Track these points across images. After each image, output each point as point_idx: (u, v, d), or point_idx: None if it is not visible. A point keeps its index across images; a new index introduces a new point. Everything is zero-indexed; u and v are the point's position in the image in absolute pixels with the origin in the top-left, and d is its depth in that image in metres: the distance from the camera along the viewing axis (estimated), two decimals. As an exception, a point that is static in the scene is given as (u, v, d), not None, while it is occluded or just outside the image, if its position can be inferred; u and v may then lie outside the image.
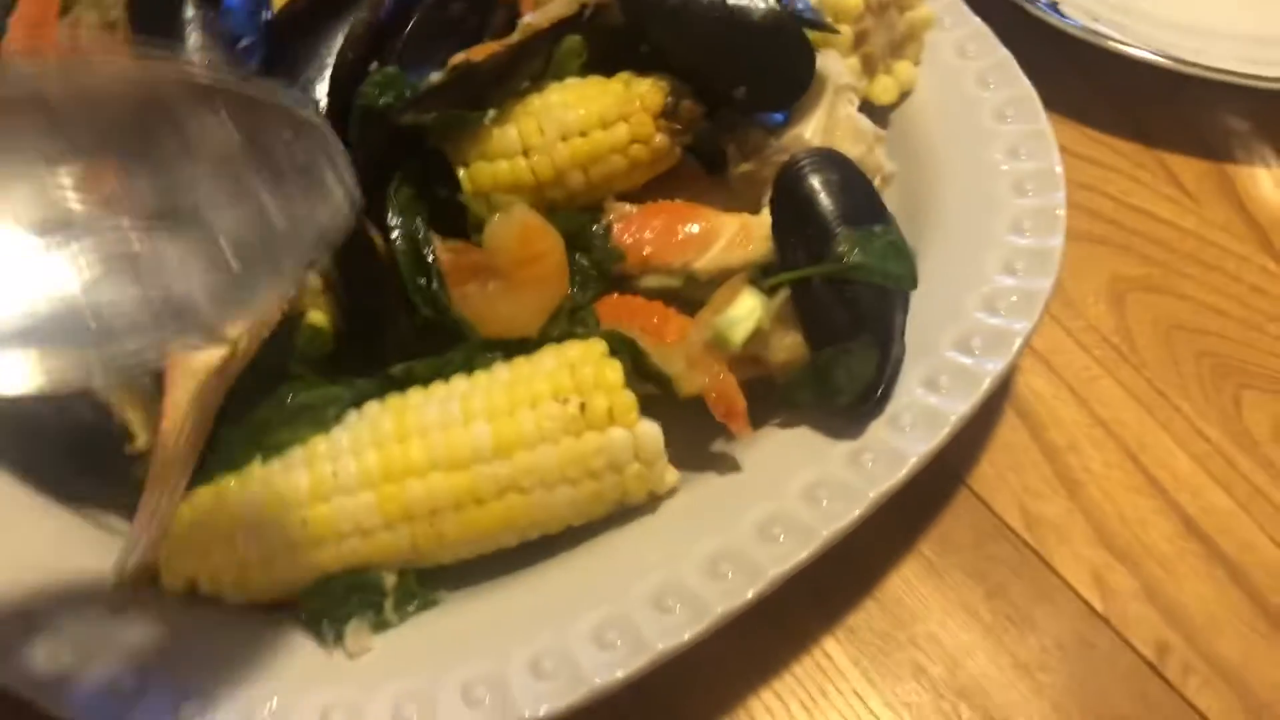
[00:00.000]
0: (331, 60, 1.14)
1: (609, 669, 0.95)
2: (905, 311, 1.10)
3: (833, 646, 1.12)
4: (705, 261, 1.16)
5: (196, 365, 0.96)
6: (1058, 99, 1.35)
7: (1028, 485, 1.23)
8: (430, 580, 1.04)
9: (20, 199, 0.67)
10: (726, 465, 1.10)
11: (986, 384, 1.09)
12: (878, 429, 1.08)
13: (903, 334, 1.09)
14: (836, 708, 1.09)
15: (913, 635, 1.13)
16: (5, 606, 0.97)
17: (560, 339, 1.09)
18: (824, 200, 1.07)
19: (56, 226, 0.68)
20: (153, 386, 1.06)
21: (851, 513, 1.02)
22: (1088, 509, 1.21)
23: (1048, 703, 1.09)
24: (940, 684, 1.10)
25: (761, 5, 1.12)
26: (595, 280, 1.16)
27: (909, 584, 1.16)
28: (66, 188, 0.68)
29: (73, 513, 1.07)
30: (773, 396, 1.13)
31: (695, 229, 1.17)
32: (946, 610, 1.14)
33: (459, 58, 1.12)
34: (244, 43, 1.12)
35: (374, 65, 1.12)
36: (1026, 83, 1.34)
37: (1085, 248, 1.43)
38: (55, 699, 0.92)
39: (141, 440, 1.06)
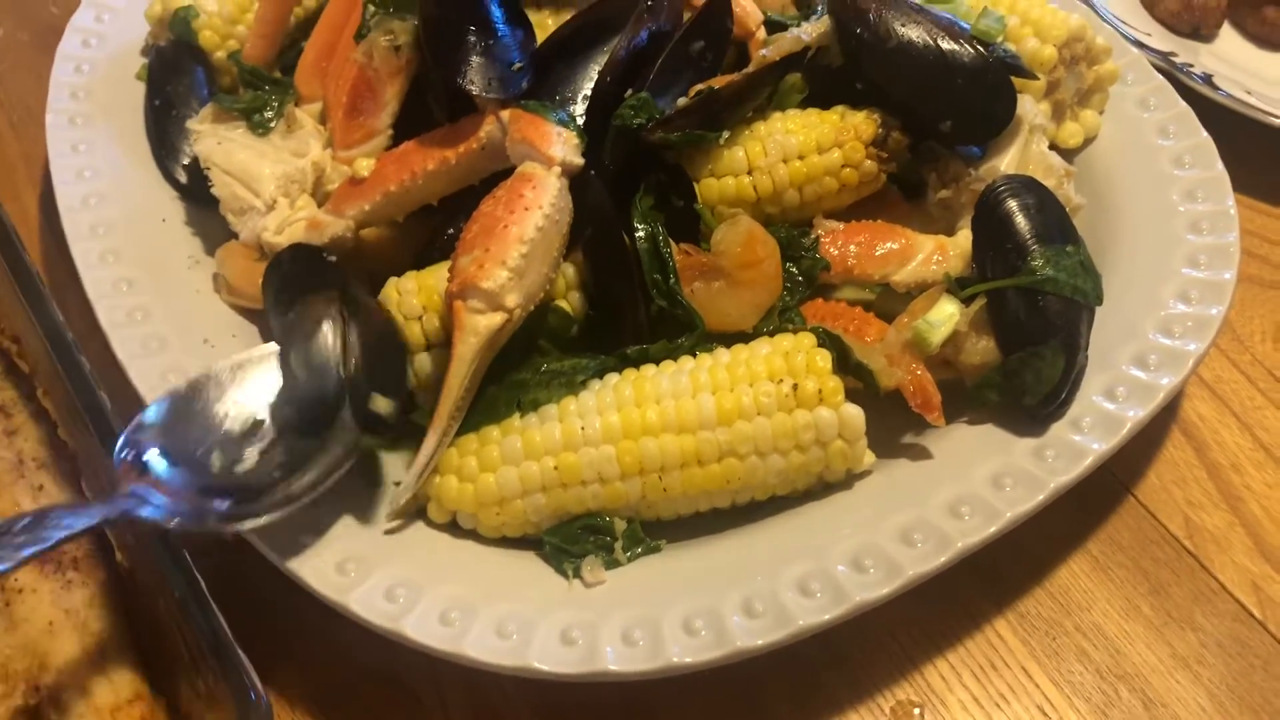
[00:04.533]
0: (590, 84, 1.32)
1: (813, 613, 1.08)
2: (1090, 325, 1.22)
3: (1003, 627, 1.24)
4: (903, 275, 1.30)
5: (481, 326, 1.14)
6: (1227, 157, 1.45)
7: (1190, 498, 1.33)
8: (653, 531, 1.19)
9: None
10: (918, 454, 1.23)
11: (1161, 395, 1.21)
12: (1059, 429, 1.20)
13: (1087, 345, 1.22)
14: (1005, 680, 1.20)
15: (1079, 623, 1.23)
16: (306, 523, 1.15)
17: (772, 334, 1.24)
18: (1021, 219, 1.21)
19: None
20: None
21: (1034, 498, 1.14)
22: (1249, 523, 1.30)
23: (1204, 692, 1.18)
24: (1103, 668, 1.20)
25: (971, 49, 1.27)
26: (803, 286, 1.31)
27: (1076, 578, 1.27)
28: None
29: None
30: (960, 400, 1.26)
31: (895, 245, 1.31)
32: (1111, 603, 1.25)
33: (701, 85, 1.29)
34: (516, 65, 1.31)
35: (628, 91, 1.29)
36: (1205, 134, 1.46)
37: (1255, 290, 1.53)
38: (345, 601, 1.10)
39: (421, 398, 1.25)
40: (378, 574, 1.12)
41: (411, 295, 1.24)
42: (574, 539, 1.16)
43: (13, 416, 1.29)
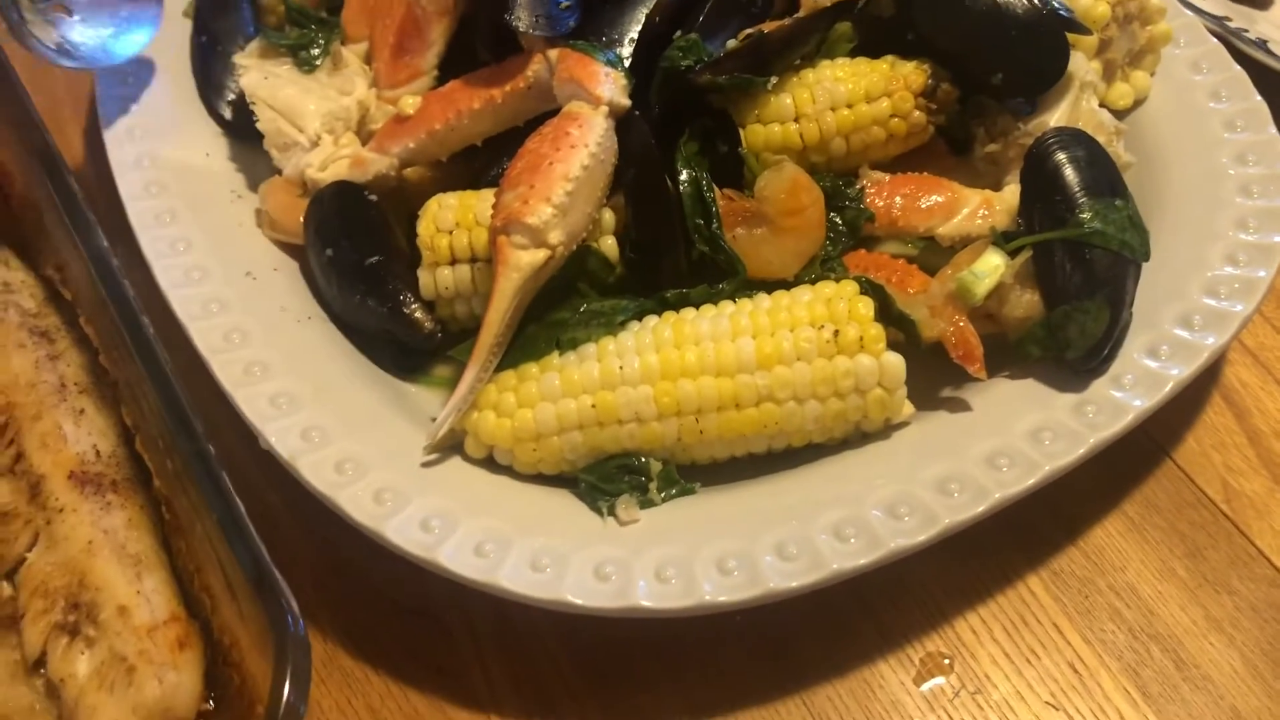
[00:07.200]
0: (637, 26, 1.32)
1: (847, 557, 1.08)
2: (1136, 281, 1.21)
3: (1035, 584, 1.23)
4: (949, 228, 1.29)
5: (523, 261, 1.14)
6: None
7: (1230, 463, 1.31)
8: (688, 475, 1.19)
9: None
10: (956, 407, 1.22)
11: (1205, 355, 1.19)
12: (1101, 385, 1.19)
13: (1132, 301, 1.20)
14: (1035, 635, 1.19)
15: (1112, 582, 1.23)
16: (344, 455, 1.16)
17: (814, 283, 1.23)
18: (1070, 172, 1.20)
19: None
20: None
21: (1073, 453, 1.13)
22: (1289, 491, 1.29)
23: (1238, 656, 1.17)
24: (1135, 627, 1.19)
25: (1025, 1, 1.25)
26: (846, 236, 1.30)
27: (1111, 538, 1.26)
28: None
29: (396, 388, 1.27)
30: (1001, 355, 1.25)
31: (941, 198, 1.30)
32: (1145, 564, 1.24)
33: (751, 30, 1.29)
34: (564, 4, 1.30)
35: (676, 33, 1.28)
36: (1258, 97, 1.43)
37: (1301, 258, 1.50)
38: (381, 529, 1.11)
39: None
40: (414, 504, 1.13)
41: (450, 210, 1.25)
42: (609, 478, 1.16)
43: (56, 342, 1.30)
